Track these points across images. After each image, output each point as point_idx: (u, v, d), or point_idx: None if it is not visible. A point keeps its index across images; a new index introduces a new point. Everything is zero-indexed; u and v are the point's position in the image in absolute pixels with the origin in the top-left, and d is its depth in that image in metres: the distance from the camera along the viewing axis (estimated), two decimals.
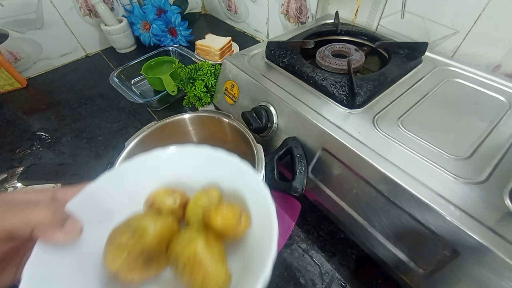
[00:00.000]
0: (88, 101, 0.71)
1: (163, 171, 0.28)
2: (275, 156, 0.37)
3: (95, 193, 0.24)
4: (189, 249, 0.21)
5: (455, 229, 0.25)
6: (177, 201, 0.26)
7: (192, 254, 0.21)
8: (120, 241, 0.21)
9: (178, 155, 0.28)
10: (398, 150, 0.31)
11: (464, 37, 0.46)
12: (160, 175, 0.28)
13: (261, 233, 0.22)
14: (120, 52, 0.89)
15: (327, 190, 0.37)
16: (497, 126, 0.33)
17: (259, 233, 0.23)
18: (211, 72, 0.57)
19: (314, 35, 0.52)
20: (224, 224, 0.23)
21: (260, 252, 0.21)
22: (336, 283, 0.38)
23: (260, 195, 0.24)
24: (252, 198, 0.25)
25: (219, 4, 0.98)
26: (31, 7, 0.73)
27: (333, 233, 0.43)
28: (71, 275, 0.21)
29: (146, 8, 0.82)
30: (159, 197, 0.26)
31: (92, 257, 0.23)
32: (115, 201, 0.25)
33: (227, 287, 0.21)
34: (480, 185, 0.27)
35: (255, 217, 0.24)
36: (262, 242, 0.21)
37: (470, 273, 0.25)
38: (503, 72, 0.44)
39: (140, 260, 0.21)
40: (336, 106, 0.37)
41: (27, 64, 0.79)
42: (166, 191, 0.27)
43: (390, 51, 0.46)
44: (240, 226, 0.23)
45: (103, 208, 0.24)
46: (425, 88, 0.40)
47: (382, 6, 0.53)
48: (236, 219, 0.23)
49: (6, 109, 0.70)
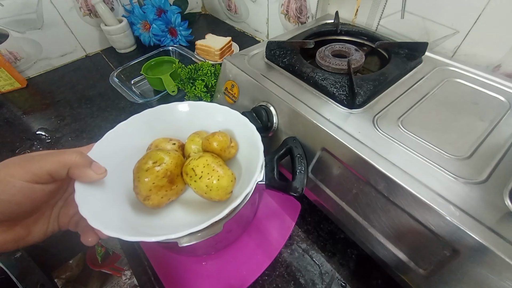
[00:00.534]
0: (88, 101, 0.71)
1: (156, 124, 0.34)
2: (275, 156, 0.37)
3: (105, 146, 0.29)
4: (202, 160, 0.29)
5: (455, 229, 0.25)
6: (176, 144, 0.33)
7: (206, 163, 0.29)
8: (148, 166, 0.27)
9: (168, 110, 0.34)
10: (398, 150, 0.31)
11: (464, 37, 0.46)
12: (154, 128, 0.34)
13: (250, 151, 0.30)
14: (120, 52, 0.89)
15: (327, 190, 0.37)
16: (497, 126, 0.33)
17: (249, 152, 0.31)
18: (211, 72, 0.57)
19: (314, 35, 0.52)
20: (219, 145, 0.30)
21: (251, 162, 0.30)
22: (336, 283, 0.38)
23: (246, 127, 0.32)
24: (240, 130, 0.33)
25: (219, 4, 0.98)
26: (31, 7, 0.73)
27: (333, 233, 0.43)
28: (108, 204, 0.26)
29: (146, 8, 0.82)
30: (160, 143, 0.32)
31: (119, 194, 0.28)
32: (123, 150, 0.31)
33: (234, 183, 0.30)
34: (480, 185, 0.27)
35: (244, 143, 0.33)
36: (252, 157, 0.29)
37: (470, 273, 0.25)
38: (503, 72, 0.44)
39: (165, 179, 0.28)
40: (336, 106, 0.37)
41: (27, 64, 0.79)
42: (164, 139, 0.33)
43: (390, 51, 0.46)
44: (231, 149, 0.32)
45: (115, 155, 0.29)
46: (425, 88, 0.40)
47: (382, 6, 0.53)
48: (228, 141, 0.31)
49: (6, 109, 0.70)
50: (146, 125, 0.33)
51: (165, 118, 0.34)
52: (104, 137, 0.29)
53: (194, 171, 0.28)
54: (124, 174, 0.29)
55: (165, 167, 0.28)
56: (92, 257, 0.87)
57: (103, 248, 0.88)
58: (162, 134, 0.34)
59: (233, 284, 0.39)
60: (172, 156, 0.29)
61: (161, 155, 0.28)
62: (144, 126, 0.33)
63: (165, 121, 0.34)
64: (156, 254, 0.42)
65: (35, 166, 0.22)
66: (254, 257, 0.41)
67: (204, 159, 0.29)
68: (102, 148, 0.29)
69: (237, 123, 0.33)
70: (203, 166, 0.28)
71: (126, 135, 0.31)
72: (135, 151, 0.29)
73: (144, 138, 0.32)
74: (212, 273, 0.40)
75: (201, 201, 0.32)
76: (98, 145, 0.28)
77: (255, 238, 0.43)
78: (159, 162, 0.28)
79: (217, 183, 0.28)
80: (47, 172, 0.22)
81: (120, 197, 0.28)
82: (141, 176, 0.27)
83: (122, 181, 0.29)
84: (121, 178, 0.29)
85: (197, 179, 0.28)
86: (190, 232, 0.23)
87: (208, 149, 0.31)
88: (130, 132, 0.32)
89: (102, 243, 0.76)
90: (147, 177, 0.27)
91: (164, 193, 0.28)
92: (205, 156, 0.30)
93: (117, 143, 0.30)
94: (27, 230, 0.25)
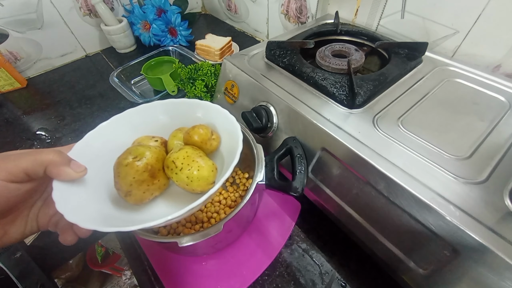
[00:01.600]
0: (88, 101, 0.71)
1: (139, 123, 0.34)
2: (275, 156, 0.37)
3: (86, 146, 0.29)
4: (182, 152, 0.29)
5: (455, 229, 0.25)
6: (158, 141, 0.32)
7: (186, 155, 0.29)
8: (128, 161, 0.27)
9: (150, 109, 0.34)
10: (398, 150, 0.31)
11: (464, 37, 0.46)
12: (137, 127, 0.34)
13: (230, 142, 0.30)
14: (120, 52, 0.89)
15: (327, 190, 0.37)
16: (497, 126, 0.33)
17: (231, 144, 0.31)
18: (211, 72, 0.57)
19: (314, 35, 0.52)
20: (200, 138, 0.31)
21: (231, 152, 0.29)
22: (336, 283, 0.38)
23: (227, 119, 0.32)
24: (221, 123, 0.33)
25: (219, 4, 0.98)
26: (31, 7, 0.73)
27: (333, 233, 0.43)
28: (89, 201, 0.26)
29: (146, 8, 0.82)
30: (142, 140, 0.32)
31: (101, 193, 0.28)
32: (104, 150, 0.30)
33: (215, 173, 0.30)
34: (480, 185, 0.27)
35: (226, 136, 0.33)
36: (231, 147, 0.29)
37: (470, 273, 0.25)
38: (503, 72, 0.44)
39: (146, 174, 0.27)
40: (336, 106, 0.37)
41: (27, 64, 0.79)
42: (147, 137, 0.33)
43: (390, 51, 0.46)
44: (212, 141, 0.32)
45: (96, 155, 0.29)
46: (425, 88, 0.40)
47: (382, 6, 0.53)
48: (209, 134, 0.32)
49: (6, 109, 0.70)
50: (128, 124, 0.33)
51: (147, 117, 0.34)
52: (84, 137, 0.29)
53: (175, 163, 0.28)
54: (106, 174, 0.29)
55: (146, 161, 0.27)
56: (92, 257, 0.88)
57: (103, 248, 0.88)
58: (145, 133, 0.34)
59: (233, 284, 0.39)
60: (152, 151, 0.28)
61: (141, 149, 0.28)
62: (126, 126, 0.33)
63: (147, 120, 0.34)
64: (156, 254, 0.42)
65: (10, 164, 0.21)
66: (254, 257, 0.41)
67: (184, 151, 0.29)
68: (83, 148, 0.28)
69: (219, 117, 0.33)
70: (183, 158, 0.28)
71: (108, 135, 0.31)
72: (117, 150, 0.29)
73: (126, 137, 0.32)
74: (212, 273, 0.40)
75: (185, 195, 0.32)
76: (78, 145, 0.28)
77: (255, 238, 0.43)
78: (139, 157, 0.27)
79: (198, 173, 0.28)
80: (23, 170, 0.22)
81: (102, 195, 0.28)
82: (121, 171, 0.27)
83: (104, 180, 0.29)
84: (103, 177, 0.29)
85: (177, 171, 0.28)
86: (168, 219, 0.22)
87: (189, 142, 0.31)
88: (112, 131, 0.32)
89: (102, 243, 0.76)
90: (128, 172, 0.27)
91: (146, 188, 0.28)
92: (185, 148, 0.29)
93: (99, 143, 0.30)
94: (3, 230, 0.24)
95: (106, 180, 0.29)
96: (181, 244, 0.29)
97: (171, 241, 0.30)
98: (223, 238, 0.39)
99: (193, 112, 0.35)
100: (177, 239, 0.30)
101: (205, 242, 0.30)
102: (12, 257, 0.40)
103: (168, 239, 0.32)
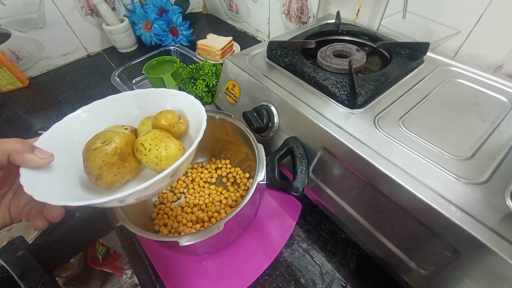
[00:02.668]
0: (90, 100, 0.69)
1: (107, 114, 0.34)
2: (276, 155, 0.37)
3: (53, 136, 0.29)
4: (150, 134, 0.29)
5: (456, 229, 0.25)
6: (128, 129, 0.32)
7: (153, 136, 0.29)
8: (96, 146, 0.27)
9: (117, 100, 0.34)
10: (399, 150, 0.31)
11: (466, 37, 0.46)
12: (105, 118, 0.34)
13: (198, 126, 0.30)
14: (121, 51, 0.89)
15: (328, 190, 0.37)
16: (498, 126, 0.33)
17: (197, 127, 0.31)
18: (212, 71, 0.57)
19: (315, 35, 0.52)
20: (167, 122, 0.31)
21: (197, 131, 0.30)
22: (336, 283, 0.38)
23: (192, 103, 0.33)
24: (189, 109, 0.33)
25: (220, 4, 0.98)
26: (33, 7, 0.73)
27: (333, 233, 0.43)
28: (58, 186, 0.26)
29: (147, 8, 0.82)
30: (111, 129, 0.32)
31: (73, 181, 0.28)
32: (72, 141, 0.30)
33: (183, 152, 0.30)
34: (481, 186, 0.27)
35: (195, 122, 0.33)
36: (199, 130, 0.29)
37: (472, 274, 0.25)
38: (505, 73, 0.44)
39: (116, 157, 0.28)
40: (337, 106, 0.37)
41: (29, 64, 0.79)
42: (116, 126, 0.33)
43: (392, 51, 0.46)
44: (180, 125, 0.32)
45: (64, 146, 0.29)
46: (427, 88, 0.40)
47: (383, 6, 0.53)
48: (176, 118, 0.32)
49: (8, 108, 0.70)
50: (96, 115, 0.33)
51: (115, 107, 0.34)
52: (51, 128, 0.29)
53: (143, 145, 0.29)
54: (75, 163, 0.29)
55: (115, 145, 0.28)
56: (93, 256, 0.87)
57: (104, 247, 0.88)
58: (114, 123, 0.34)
59: (234, 284, 0.39)
60: (121, 136, 0.29)
61: (110, 134, 0.28)
62: (94, 117, 0.33)
63: (116, 111, 0.34)
64: (156, 253, 0.42)
65: None
66: (254, 256, 0.41)
67: (151, 133, 0.29)
68: (49, 138, 0.28)
69: (185, 103, 0.34)
70: (151, 139, 0.29)
71: (76, 126, 0.31)
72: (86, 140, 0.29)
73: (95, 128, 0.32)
74: (212, 272, 0.40)
75: None
76: (44, 135, 0.28)
77: (255, 237, 0.43)
78: (107, 141, 0.27)
79: (166, 152, 0.29)
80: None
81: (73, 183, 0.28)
82: (90, 155, 0.27)
83: (72, 170, 0.29)
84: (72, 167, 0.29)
85: (146, 152, 0.28)
86: (136, 190, 0.22)
87: (157, 127, 0.31)
88: (80, 122, 0.32)
89: (103, 242, 0.77)
90: (97, 155, 0.27)
91: (117, 171, 0.28)
92: (153, 130, 0.30)
93: (66, 133, 0.30)
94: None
95: (75, 170, 0.29)
96: (182, 243, 0.30)
97: (172, 240, 0.31)
98: (224, 238, 0.39)
99: (162, 101, 0.35)
100: (178, 238, 0.30)
101: (206, 241, 0.30)
102: (14, 256, 0.40)
103: (169, 238, 0.32)
